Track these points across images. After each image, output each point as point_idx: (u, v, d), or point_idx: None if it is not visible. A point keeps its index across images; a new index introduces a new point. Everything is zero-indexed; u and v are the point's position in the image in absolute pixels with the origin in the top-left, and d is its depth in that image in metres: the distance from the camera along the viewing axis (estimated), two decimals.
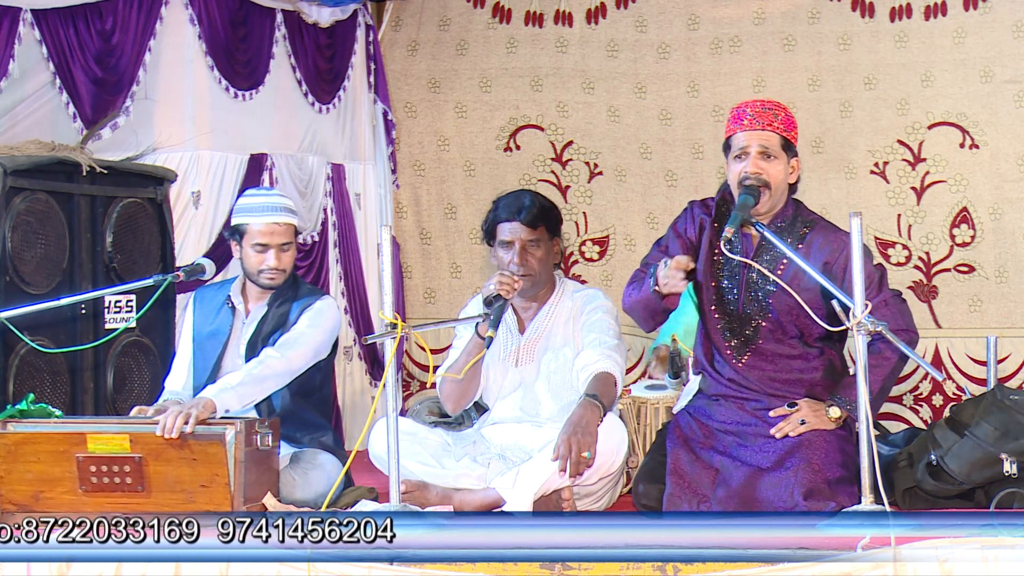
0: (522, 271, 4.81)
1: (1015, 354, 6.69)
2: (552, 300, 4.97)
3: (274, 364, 4.70)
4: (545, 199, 4.97)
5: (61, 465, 4.32)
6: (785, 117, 4.52)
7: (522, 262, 4.82)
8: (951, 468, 4.47)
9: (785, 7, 6.97)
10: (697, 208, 4.65)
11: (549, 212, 4.90)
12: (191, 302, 5.10)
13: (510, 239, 4.84)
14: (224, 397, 4.50)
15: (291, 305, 4.90)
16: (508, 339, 4.98)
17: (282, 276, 4.89)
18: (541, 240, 4.86)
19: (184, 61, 6.23)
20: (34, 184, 5.31)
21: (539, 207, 4.87)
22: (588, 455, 4.46)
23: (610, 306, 4.94)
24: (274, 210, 4.88)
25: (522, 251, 4.83)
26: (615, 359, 4.77)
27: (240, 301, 4.96)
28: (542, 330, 4.95)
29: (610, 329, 4.86)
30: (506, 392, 4.98)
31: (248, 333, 4.90)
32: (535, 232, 4.84)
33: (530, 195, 4.93)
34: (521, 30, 7.33)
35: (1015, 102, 6.67)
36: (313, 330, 4.84)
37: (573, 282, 5.10)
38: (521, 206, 4.84)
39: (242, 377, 4.62)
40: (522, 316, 5.00)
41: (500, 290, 4.66)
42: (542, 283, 4.92)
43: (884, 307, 4.37)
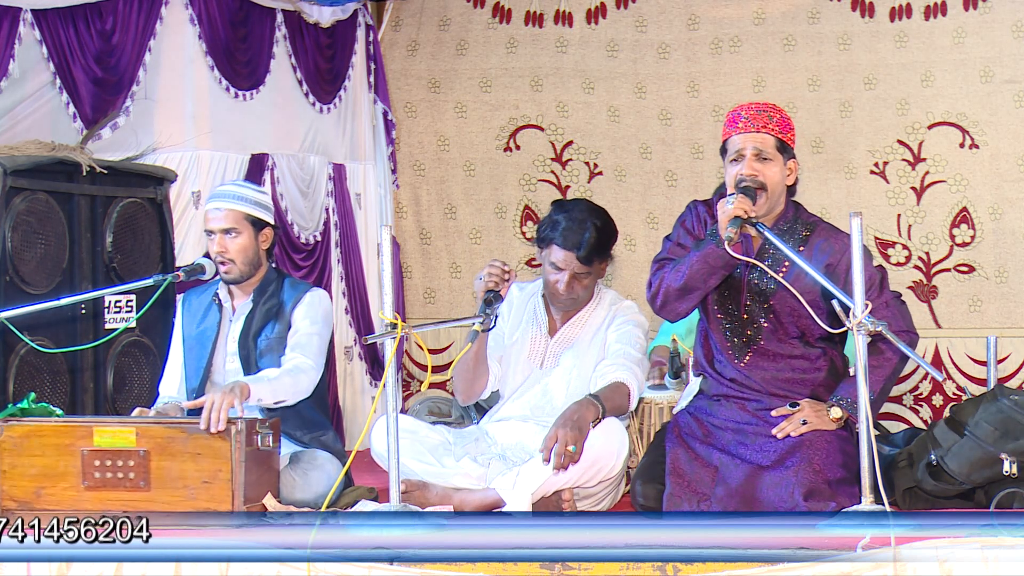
0: (566, 296, 4.87)
1: (1015, 354, 6.70)
2: (588, 307, 4.98)
3: (304, 363, 4.71)
4: (606, 228, 4.89)
5: (65, 459, 4.32)
6: (781, 119, 4.51)
7: (568, 290, 4.86)
8: (951, 468, 4.47)
9: (785, 7, 6.97)
10: (701, 207, 4.65)
11: (607, 246, 4.89)
12: (179, 306, 5.07)
13: (561, 267, 4.85)
14: (259, 386, 4.51)
15: (278, 300, 4.87)
16: (537, 339, 4.99)
17: (234, 267, 4.82)
18: (593, 272, 4.89)
19: (184, 61, 6.23)
20: (34, 184, 5.31)
21: (597, 243, 4.83)
22: (574, 449, 4.47)
23: (642, 320, 4.95)
24: (221, 197, 4.85)
25: (571, 280, 4.85)
26: (635, 372, 4.79)
27: (227, 298, 4.94)
28: (572, 335, 4.96)
29: (637, 343, 4.88)
30: (524, 390, 4.98)
31: (237, 330, 4.88)
32: (588, 267, 4.85)
33: (593, 227, 4.83)
34: (521, 30, 7.33)
35: (1015, 102, 6.67)
36: (316, 325, 4.83)
37: (612, 292, 5.08)
38: (581, 241, 4.80)
39: (279, 373, 4.63)
40: (554, 318, 5.00)
41: (489, 283, 4.66)
42: (582, 302, 4.95)
43: (884, 308, 4.37)
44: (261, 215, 4.88)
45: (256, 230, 4.86)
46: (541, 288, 5.04)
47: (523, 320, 5.01)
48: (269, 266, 4.95)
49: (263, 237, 4.88)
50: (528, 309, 5.02)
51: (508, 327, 5.02)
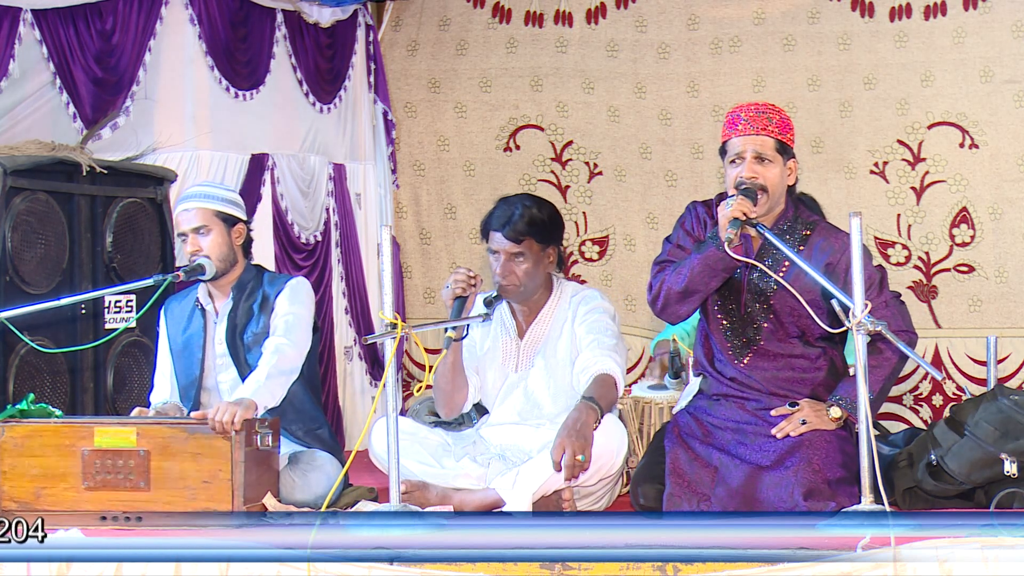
0: (503, 281, 4.82)
1: (1015, 354, 6.69)
2: (550, 303, 4.96)
3: (288, 351, 4.69)
4: (539, 210, 4.85)
5: (66, 460, 4.33)
6: (780, 120, 4.51)
7: (504, 273, 4.82)
8: (951, 468, 4.47)
9: (785, 7, 6.97)
10: (701, 208, 4.65)
11: (539, 225, 4.82)
12: (161, 315, 5.03)
13: (496, 249, 4.84)
14: (260, 395, 4.50)
15: (259, 294, 4.84)
16: (508, 344, 4.98)
17: (209, 265, 4.77)
18: (527, 253, 4.81)
19: (184, 61, 6.23)
20: (34, 184, 5.32)
21: (527, 220, 4.79)
22: (583, 458, 4.46)
23: (607, 306, 4.93)
24: (189, 198, 4.82)
25: (506, 263, 4.82)
26: (615, 359, 4.76)
27: (208, 301, 4.92)
28: (541, 333, 4.95)
29: (608, 329, 4.85)
30: (505, 396, 4.97)
31: (223, 331, 4.86)
32: (519, 246, 4.80)
33: (522, 206, 4.83)
34: (521, 30, 7.33)
35: (1015, 102, 6.67)
36: (298, 307, 4.80)
37: (572, 283, 5.07)
38: (509, 218, 4.79)
39: (267, 371, 4.61)
40: (521, 320, 4.99)
41: (456, 289, 4.66)
42: (530, 292, 4.90)
43: (884, 308, 4.37)
44: (231, 211, 4.85)
45: (228, 226, 4.83)
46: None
47: (492, 327, 5.00)
48: (247, 263, 4.92)
49: (236, 233, 4.85)
50: (495, 316, 5.00)
51: (479, 336, 5.00)
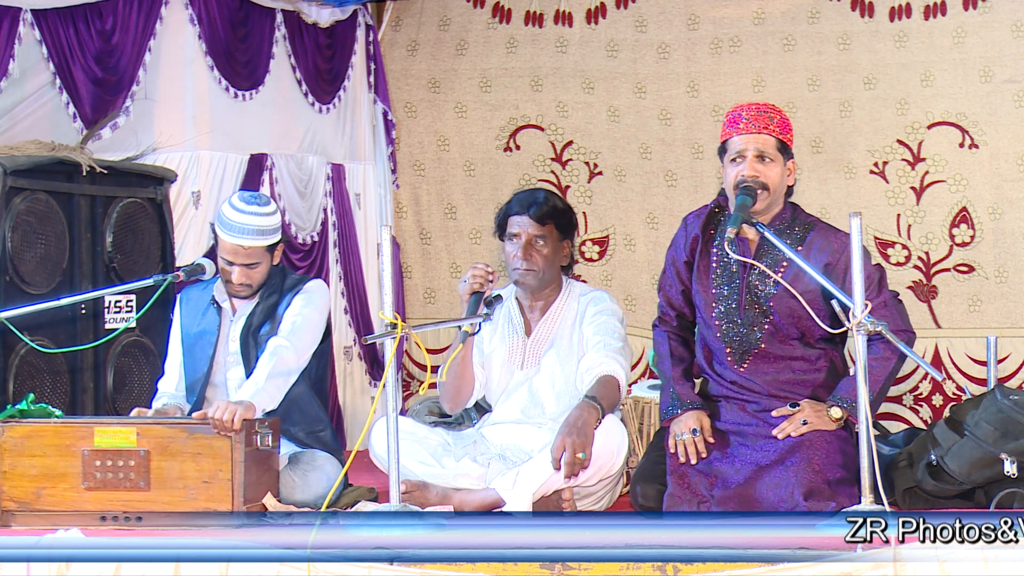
0: (523, 266, 4.82)
1: (1015, 354, 6.69)
2: (558, 302, 4.97)
3: (287, 353, 4.69)
4: (561, 200, 4.98)
5: (66, 460, 4.33)
6: (780, 120, 4.52)
7: (526, 256, 4.83)
8: (951, 468, 4.47)
9: (785, 7, 6.97)
10: (691, 219, 4.67)
11: (561, 212, 4.90)
12: (177, 303, 5.07)
13: (517, 232, 4.84)
14: (259, 398, 4.51)
15: (279, 297, 4.86)
16: (514, 341, 4.98)
17: (248, 290, 4.84)
18: (548, 237, 4.85)
19: (184, 61, 6.24)
20: (34, 184, 5.32)
21: (551, 205, 4.87)
22: (583, 456, 4.47)
23: (616, 308, 4.94)
24: (242, 233, 4.75)
25: (527, 245, 4.83)
26: (619, 362, 4.77)
27: (224, 299, 4.93)
28: (548, 332, 4.95)
29: (615, 332, 4.86)
30: (509, 393, 4.98)
31: (238, 329, 4.87)
32: (543, 228, 4.83)
33: (545, 193, 4.95)
34: (521, 30, 7.33)
35: (1015, 102, 6.67)
36: (309, 310, 4.82)
37: (580, 284, 5.10)
38: (533, 201, 4.86)
39: (267, 373, 4.62)
40: (528, 318, 5.00)
41: (473, 284, 4.65)
42: (547, 281, 4.91)
43: (883, 308, 4.38)
44: (278, 238, 4.89)
45: (271, 252, 4.88)
46: (514, 292, 5.03)
47: (499, 325, 5.00)
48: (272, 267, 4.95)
49: (276, 253, 4.91)
50: (503, 313, 5.00)
51: (487, 333, 5.01)
